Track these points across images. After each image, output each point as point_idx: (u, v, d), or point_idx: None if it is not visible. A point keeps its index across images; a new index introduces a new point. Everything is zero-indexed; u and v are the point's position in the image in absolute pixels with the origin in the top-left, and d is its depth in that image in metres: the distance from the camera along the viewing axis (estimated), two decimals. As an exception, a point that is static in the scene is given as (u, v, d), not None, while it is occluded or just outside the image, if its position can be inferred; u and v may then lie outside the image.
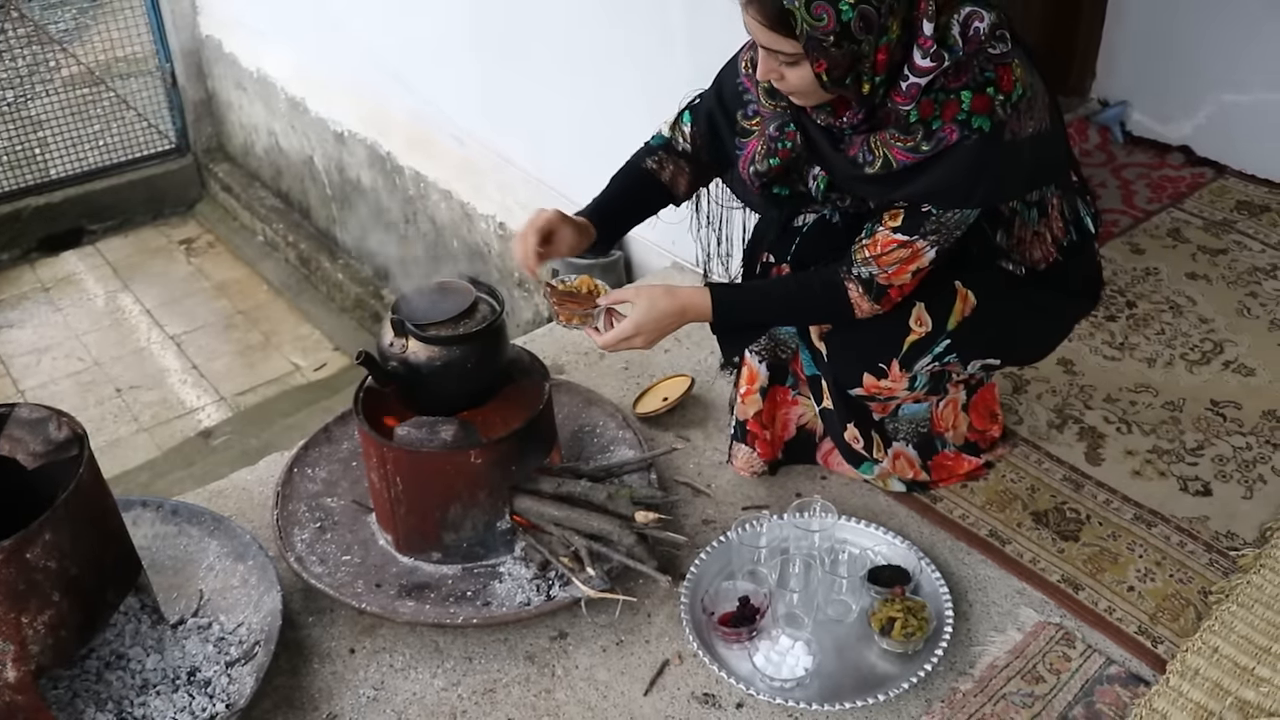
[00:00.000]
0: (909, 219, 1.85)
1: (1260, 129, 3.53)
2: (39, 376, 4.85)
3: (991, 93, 1.74)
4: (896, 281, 1.91)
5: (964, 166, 1.78)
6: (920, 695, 1.89)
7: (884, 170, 1.84)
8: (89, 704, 1.80)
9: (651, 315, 1.93)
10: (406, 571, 2.11)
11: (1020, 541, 2.20)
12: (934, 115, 1.76)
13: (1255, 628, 1.95)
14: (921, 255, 1.88)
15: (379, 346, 2.05)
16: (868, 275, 1.91)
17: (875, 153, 1.84)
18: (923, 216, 1.84)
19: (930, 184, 1.81)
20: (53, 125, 5.92)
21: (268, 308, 5.44)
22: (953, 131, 1.75)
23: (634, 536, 2.04)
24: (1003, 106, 1.74)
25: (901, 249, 1.87)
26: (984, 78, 1.74)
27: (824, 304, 1.98)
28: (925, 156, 1.79)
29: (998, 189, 1.87)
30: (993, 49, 1.74)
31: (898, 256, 1.88)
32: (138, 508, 2.17)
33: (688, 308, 1.96)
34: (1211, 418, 2.54)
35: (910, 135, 1.79)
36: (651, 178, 2.20)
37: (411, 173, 4.64)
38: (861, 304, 1.94)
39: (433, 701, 1.91)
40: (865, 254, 1.90)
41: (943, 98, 1.75)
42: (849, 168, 1.90)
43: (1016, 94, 1.75)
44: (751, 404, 2.30)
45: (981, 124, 1.74)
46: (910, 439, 2.26)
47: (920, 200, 1.84)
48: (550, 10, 3.46)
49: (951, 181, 1.80)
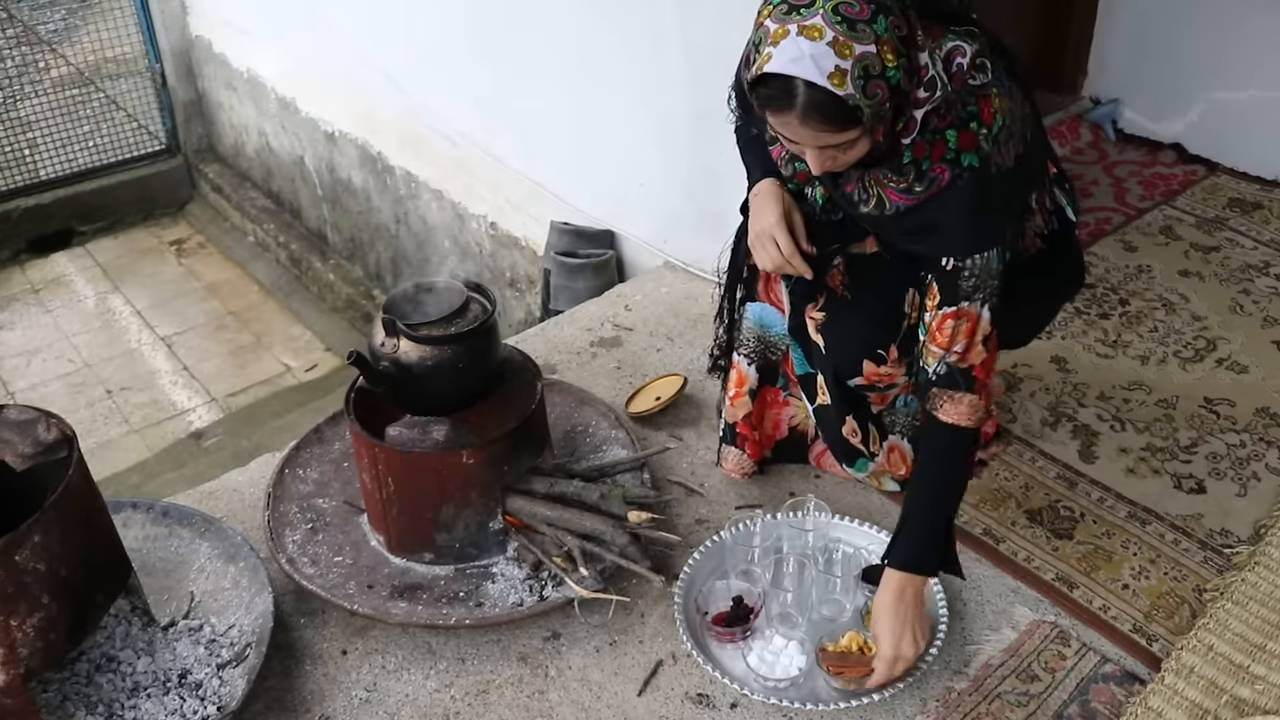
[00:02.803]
0: (944, 289, 1.83)
1: (1252, 126, 3.53)
2: (29, 378, 4.82)
3: (975, 127, 1.73)
4: (974, 360, 1.86)
5: (964, 208, 1.77)
6: (915, 694, 1.88)
7: (878, 211, 1.83)
8: (79, 707, 1.79)
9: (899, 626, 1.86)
10: (399, 572, 2.10)
11: (1014, 540, 2.20)
12: (924, 156, 1.75)
13: (1250, 625, 1.95)
14: (978, 319, 1.84)
15: (370, 346, 2.04)
16: (945, 370, 1.86)
17: (869, 191, 1.83)
18: (952, 278, 1.82)
19: (943, 239, 1.81)
20: (42, 126, 5.89)
21: (259, 309, 5.42)
22: (944, 171, 1.75)
23: (627, 536, 2.03)
24: (986, 140, 1.73)
25: (956, 321, 1.83)
26: (966, 113, 1.73)
27: (947, 450, 1.91)
28: (919, 199, 1.78)
29: (1002, 221, 1.85)
30: (972, 79, 1.74)
31: (959, 331, 1.84)
32: (128, 509, 2.16)
33: (908, 594, 1.87)
34: (1205, 415, 2.54)
35: (903, 176, 1.78)
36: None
37: (403, 173, 4.63)
38: (960, 408, 1.86)
39: (425, 703, 1.90)
40: (930, 349, 1.87)
41: (931, 138, 1.74)
42: (845, 202, 1.90)
43: (998, 126, 1.74)
44: (740, 406, 2.29)
45: (971, 161, 1.73)
46: (906, 432, 2.25)
47: (942, 262, 1.82)
48: (542, 9, 3.45)
49: (958, 228, 1.79)
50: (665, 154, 3.11)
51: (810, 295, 2.09)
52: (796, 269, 2.00)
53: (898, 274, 2.01)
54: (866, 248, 2.06)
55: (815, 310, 2.07)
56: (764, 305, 2.23)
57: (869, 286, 2.04)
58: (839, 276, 2.05)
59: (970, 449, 1.93)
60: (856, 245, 2.06)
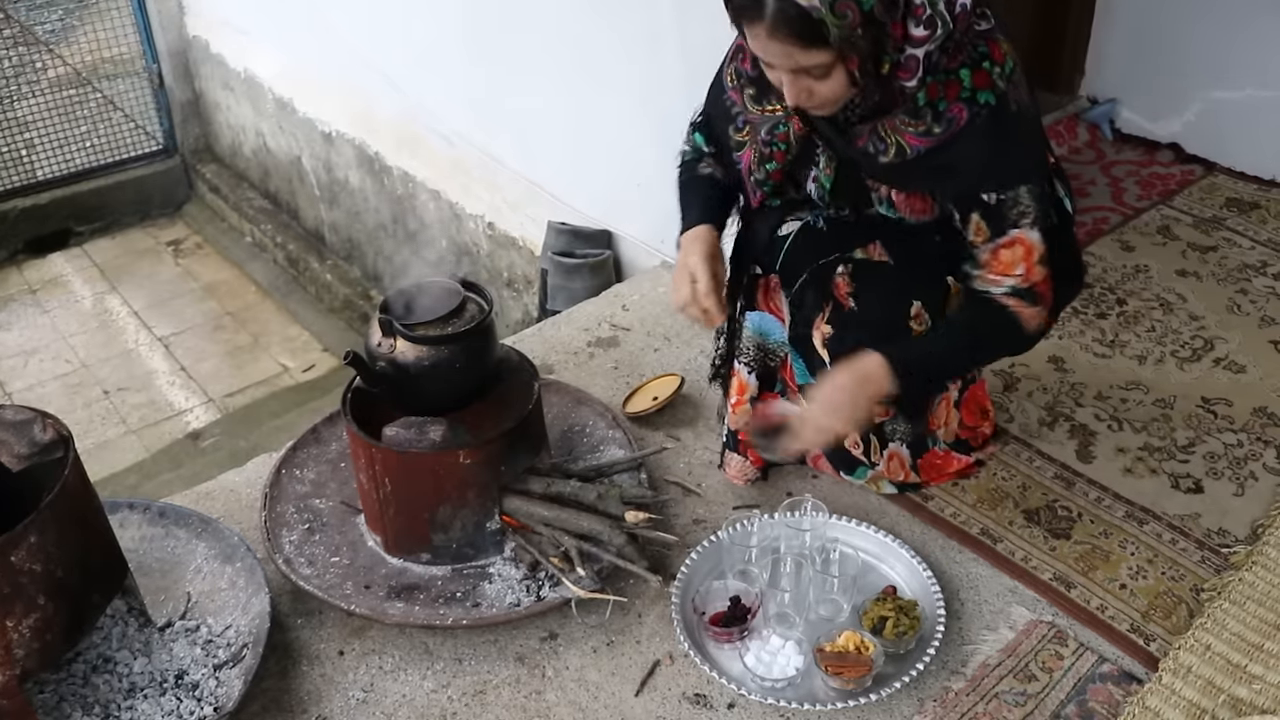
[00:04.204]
0: (990, 222, 1.85)
1: (1249, 126, 3.53)
2: (26, 379, 4.82)
3: (988, 66, 1.77)
4: (1036, 278, 1.89)
5: (991, 143, 1.79)
6: (913, 694, 1.88)
7: (898, 158, 1.84)
8: (76, 708, 1.78)
9: (834, 398, 1.90)
10: (395, 573, 2.09)
11: (1012, 540, 2.20)
12: (940, 97, 1.78)
13: (1247, 625, 1.95)
14: (1030, 243, 1.86)
15: (367, 346, 2.04)
16: (1010, 288, 1.89)
17: (887, 140, 1.84)
18: (997, 211, 1.84)
19: (969, 170, 1.82)
20: (39, 126, 5.89)
21: (256, 309, 5.42)
22: (961, 110, 1.77)
23: (624, 536, 2.03)
24: (1001, 78, 1.77)
25: (1008, 250, 1.86)
26: (977, 53, 1.77)
27: (998, 333, 1.96)
28: (939, 140, 1.80)
29: (1028, 154, 1.87)
30: (978, 25, 1.78)
31: (1015, 257, 1.87)
32: (125, 510, 2.15)
33: (866, 377, 1.90)
34: (1202, 415, 2.54)
35: (920, 119, 1.80)
36: (713, 179, 2.17)
37: (400, 173, 4.63)
38: (1026, 312, 1.91)
39: (422, 703, 1.90)
40: (992, 276, 1.89)
41: (944, 78, 1.77)
42: (862, 159, 1.90)
43: (1009, 66, 1.79)
44: (743, 414, 2.29)
45: (987, 99, 1.77)
46: (905, 438, 2.25)
47: (984, 197, 1.83)
48: (540, 9, 3.45)
49: (987, 160, 1.81)
50: (663, 154, 3.09)
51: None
52: (708, 309, 1.99)
53: (904, 282, 2.01)
54: (871, 255, 2.05)
55: (823, 323, 2.06)
56: (763, 314, 2.22)
57: (874, 297, 2.02)
58: (845, 285, 2.04)
59: (1007, 343, 1.99)
60: (862, 251, 2.05)
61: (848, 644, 1.88)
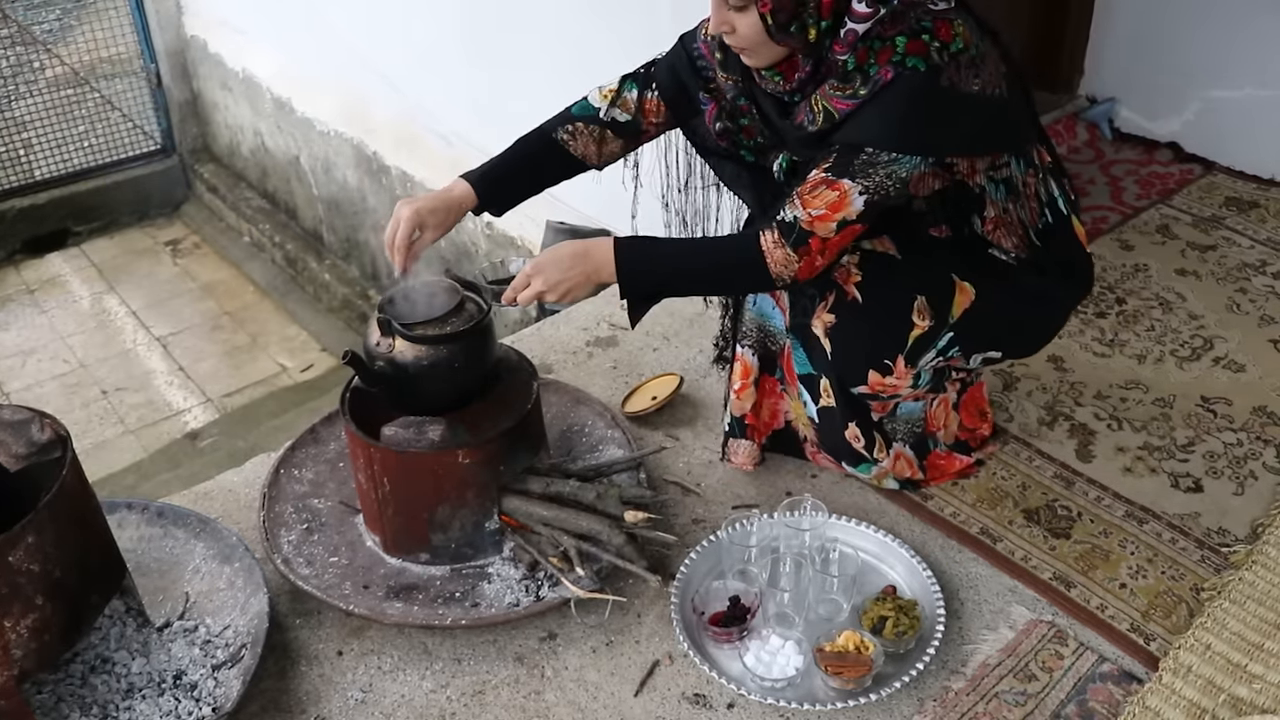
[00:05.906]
0: (840, 159, 1.83)
1: (1248, 125, 3.53)
2: (24, 379, 4.82)
3: (927, 40, 1.75)
4: (820, 231, 1.84)
5: (898, 103, 1.78)
6: (912, 694, 1.88)
7: (827, 124, 1.84)
8: (73, 709, 1.78)
9: (550, 255, 1.93)
10: (394, 573, 2.09)
11: (1011, 539, 2.19)
12: (869, 62, 1.77)
13: (1248, 624, 1.95)
14: (848, 199, 1.82)
15: (365, 346, 2.04)
16: (791, 219, 1.85)
17: (816, 109, 1.85)
18: (849, 153, 1.82)
19: (865, 120, 1.81)
20: (37, 126, 5.89)
21: (254, 309, 5.42)
22: (888, 72, 1.76)
23: (623, 536, 2.02)
24: (939, 52, 1.75)
25: (828, 189, 1.83)
26: (920, 26, 1.76)
27: (735, 254, 1.93)
28: (863, 100, 1.80)
29: (934, 135, 1.83)
30: (934, 5, 1.77)
31: (825, 199, 1.83)
32: (123, 510, 2.15)
33: (591, 249, 1.92)
34: (1202, 414, 2.54)
35: (849, 84, 1.80)
36: (560, 149, 2.21)
37: (398, 172, 4.63)
38: (775, 252, 1.87)
39: (421, 703, 1.90)
40: (796, 196, 1.86)
41: (878, 45, 1.77)
42: (795, 133, 1.91)
43: (956, 46, 1.76)
44: (748, 398, 2.29)
45: (916, 64, 1.75)
46: (907, 439, 2.25)
47: (855, 141, 1.82)
48: (539, 10, 3.45)
49: (885, 117, 1.79)
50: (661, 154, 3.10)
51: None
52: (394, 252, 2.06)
53: (910, 276, 2.01)
54: (876, 246, 2.05)
55: (825, 311, 2.06)
56: (764, 295, 2.23)
57: (880, 290, 2.01)
58: (852, 275, 2.03)
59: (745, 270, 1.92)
60: (868, 242, 2.04)
61: (847, 644, 1.87)
